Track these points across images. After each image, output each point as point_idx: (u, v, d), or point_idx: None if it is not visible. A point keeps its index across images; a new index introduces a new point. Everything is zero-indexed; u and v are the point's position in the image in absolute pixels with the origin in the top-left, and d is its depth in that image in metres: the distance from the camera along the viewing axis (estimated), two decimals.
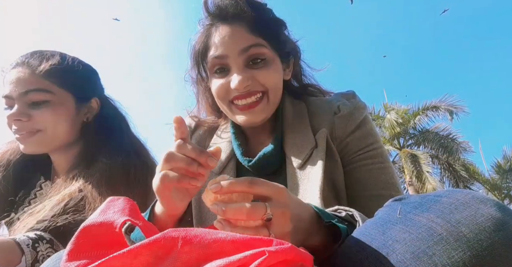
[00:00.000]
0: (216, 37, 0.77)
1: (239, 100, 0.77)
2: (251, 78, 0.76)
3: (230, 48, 0.76)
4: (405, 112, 12.00)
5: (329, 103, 0.84)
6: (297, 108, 0.86)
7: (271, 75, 0.78)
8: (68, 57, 0.97)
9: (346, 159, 0.79)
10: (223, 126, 0.94)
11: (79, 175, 0.88)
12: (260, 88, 0.77)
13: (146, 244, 0.35)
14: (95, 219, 0.39)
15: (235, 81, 0.74)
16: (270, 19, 0.82)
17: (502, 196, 12.18)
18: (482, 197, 0.39)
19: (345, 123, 0.79)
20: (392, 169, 0.80)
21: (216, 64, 0.78)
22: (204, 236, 0.36)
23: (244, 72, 0.75)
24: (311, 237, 0.49)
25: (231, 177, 0.47)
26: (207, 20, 0.81)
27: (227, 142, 0.88)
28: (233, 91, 0.76)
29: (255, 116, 0.78)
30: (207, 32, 0.80)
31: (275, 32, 0.82)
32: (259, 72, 0.76)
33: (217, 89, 0.79)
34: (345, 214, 0.53)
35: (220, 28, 0.78)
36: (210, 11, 0.80)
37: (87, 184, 0.85)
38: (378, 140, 0.81)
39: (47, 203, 0.82)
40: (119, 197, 0.44)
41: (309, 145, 0.77)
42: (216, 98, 0.82)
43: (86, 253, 0.37)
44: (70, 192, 0.83)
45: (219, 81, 0.78)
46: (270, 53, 0.78)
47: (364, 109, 0.83)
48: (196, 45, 0.83)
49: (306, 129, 0.81)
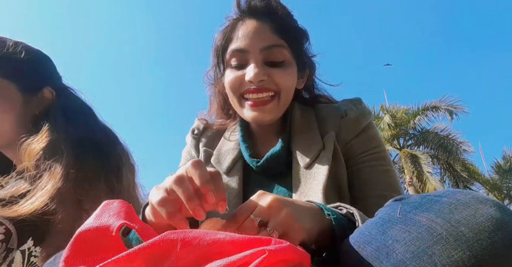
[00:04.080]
0: (241, 30, 0.79)
1: (250, 94, 0.78)
2: (267, 75, 0.77)
3: (253, 43, 0.77)
4: (405, 112, 12.02)
5: (336, 108, 0.86)
6: (306, 113, 0.88)
7: (287, 77, 0.79)
8: (9, 42, 0.85)
9: (350, 161, 0.81)
10: (231, 129, 0.94)
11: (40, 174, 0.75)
12: (273, 87, 0.78)
13: (144, 247, 0.35)
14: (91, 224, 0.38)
15: (250, 73, 0.75)
16: (295, 25, 0.85)
17: (502, 196, 12.18)
18: (482, 197, 0.39)
19: (351, 126, 0.81)
20: (394, 172, 0.81)
21: (235, 57, 0.79)
22: (203, 237, 0.36)
23: (262, 67, 0.77)
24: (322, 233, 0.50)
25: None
26: (234, 14, 0.83)
27: (235, 144, 0.89)
28: (247, 84, 0.77)
29: (264, 114, 0.79)
30: (232, 26, 0.82)
31: (298, 38, 0.84)
32: (276, 71, 0.78)
33: (231, 80, 0.80)
34: (346, 211, 0.54)
35: (246, 22, 0.80)
36: (241, 6, 0.81)
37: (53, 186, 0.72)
38: (382, 145, 0.83)
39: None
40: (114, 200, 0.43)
41: (317, 146, 0.79)
42: (228, 90, 0.82)
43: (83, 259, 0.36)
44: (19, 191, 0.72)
45: (234, 73, 0.79)
46: (290, 57, 0.80)
47: (370, 115, 0.85)
48: (219, 36, 0.84)
49: (314, 132, 0.82)
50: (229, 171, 0.85)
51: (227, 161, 0.86)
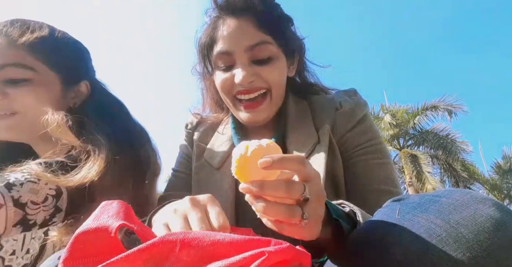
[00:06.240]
0: (223, 31, 0.78)
1: (242, 94, 0.78)
2: (256, 74, 0.77)
3: (237, 44, 0.76)
4: (404, 112, 12.02)
5: (331, 100, 0.85)
6: (300, 106, 0.87)
7: (276, 73, 0.79)
8: (57, 31, 0.82)
9: (345, 154, 0.80)
10: (225, 122, 0.94)
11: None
12: (264, 85, 0.78)
13: (144, 248, 0.34)
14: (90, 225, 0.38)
15: (239, 76, 0.75)
16: (277, 14, 0.82)
17: (502, 196, 12.18)
18: (481, 197, 0.39)
19: (346, 119, 0.80)
20: (391, 165, 0.80)
21: (222, 59, 0.79)
22: (202, 239, 0.36)
23: (249, 67, 0.76)
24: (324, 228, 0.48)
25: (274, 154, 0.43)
26: (214, 12, 0.81)
27: (228, 137, 0.89)
28: (237, 86, 0.77)
29: (258, 115, 0.79)
30: (213, 25, 0.80)
31: (282, 28, 0.82)
32: (264, 69, 0.77)
33: (221, 83, 0.80)
34: (349, 209, 0.53)
35: (227, 21, 0.78)
36: (218, 2, 0.79)
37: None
38: (377, 137, 0.82)
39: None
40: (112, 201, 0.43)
41: (312, 140, 0.78)
42: (221, 92, 0.82)
43: (82, 260, 0.36)
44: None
45: (223, 75, 0.79)
46: (276, 50, 0.78)
47: (365, 106, 0.84)
48: (202, 37, 0.83)
49: (309, 125, 0.81)
50: (222, 165, 0.85)
51: (220, 155, 0.86)
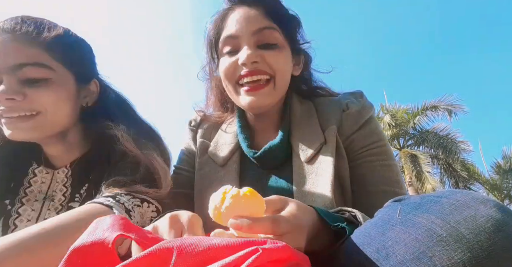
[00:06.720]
0: (231, 18, 0.79)
1: (245, 77, 0.77)
2: (260, 56, 0.76)
3: (243, 28, 0.77)
4: (404, 112, 12.03)
5: (337, 101, 0.85)
6: (305, 106, 0.87)
7: (280, 59, 0.78)
8: (71, 31, 0.82)
9: (351, 156, 0.80)
10: (229, 121, 0.95)
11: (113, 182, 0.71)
12: (268, 70, 0.78)
13: (141, 258, 0.34)
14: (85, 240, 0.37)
15: (243, 55, 0.75)
16: (286, 12, 0.84)
17: (502, 196, 12.19)
18: (482, 197, 0.39)
19: (352, 120, 0.81)
20: (396, 167, 0.81)
21: (228, 44, 0.79)
22: (198, 244, 0.35)
23: (254, 49, 0.76)
24: (313, 240, 0.48)
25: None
26: (226, 5, 0.83)
27: (232, 136, 0.89)
28: (241, 68, 0.77)
29: (261, 99, 0.78)
30: (223, 15, 0.82)
31: (290, 23, 0.83)
32: (269, 54, 0.77)
33: (225, 67, 0.79)
34: (348, 215, 0.53)
35: (236, 10, 0.79)
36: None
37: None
38: (383, 139, 0.82)
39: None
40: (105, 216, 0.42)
41: (318, 140, 0.78)
42: (223, 78, 0.82)
43: None
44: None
45: (228, 59, 0.79)
46: (282, 40, 0.79)
47: (371, 109, 0.84)
48: (211, 27, 0.84)
49: (315, 125, 0.82)
50: (226, 162, 0.85)
51: (224, 152, 0.86)
